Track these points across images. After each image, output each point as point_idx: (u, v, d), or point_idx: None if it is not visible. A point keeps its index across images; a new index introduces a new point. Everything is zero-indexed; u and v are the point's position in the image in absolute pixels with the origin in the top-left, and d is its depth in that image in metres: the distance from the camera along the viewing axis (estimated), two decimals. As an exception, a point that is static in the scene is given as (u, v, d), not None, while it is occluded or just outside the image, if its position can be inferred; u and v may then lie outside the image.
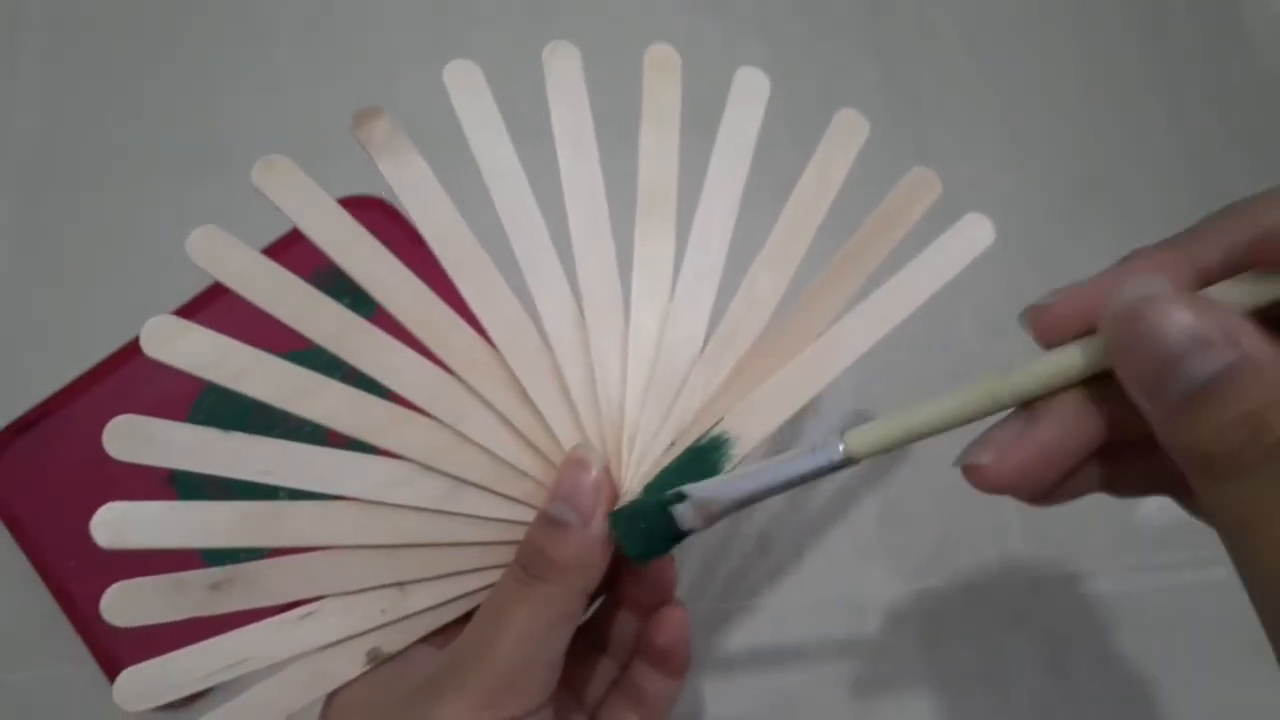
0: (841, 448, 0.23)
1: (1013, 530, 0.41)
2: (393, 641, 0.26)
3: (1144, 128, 0.49)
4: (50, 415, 0.39)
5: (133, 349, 0.34)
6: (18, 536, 0.38)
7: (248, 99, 0.47)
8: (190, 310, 0.39)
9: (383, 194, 0.35)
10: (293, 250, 0.27)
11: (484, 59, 0.28)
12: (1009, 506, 0.42)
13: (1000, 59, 0.50)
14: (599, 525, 0.25)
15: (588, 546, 0.25)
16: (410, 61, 0.27)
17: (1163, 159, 0.49)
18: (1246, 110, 0.50)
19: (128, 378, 0.40)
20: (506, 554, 0.26)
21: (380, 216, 0.26)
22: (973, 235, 0.27)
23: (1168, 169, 0.48)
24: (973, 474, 0.22)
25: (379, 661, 0.26)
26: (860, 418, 0.43)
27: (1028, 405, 0.22)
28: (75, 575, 0.37)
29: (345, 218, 0.27)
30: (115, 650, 0.36)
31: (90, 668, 0.36)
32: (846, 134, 0.29)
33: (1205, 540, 0.20)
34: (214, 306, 0.39)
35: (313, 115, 0.26)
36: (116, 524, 0.24)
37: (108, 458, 0.24)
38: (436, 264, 0.27)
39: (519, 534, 0.25)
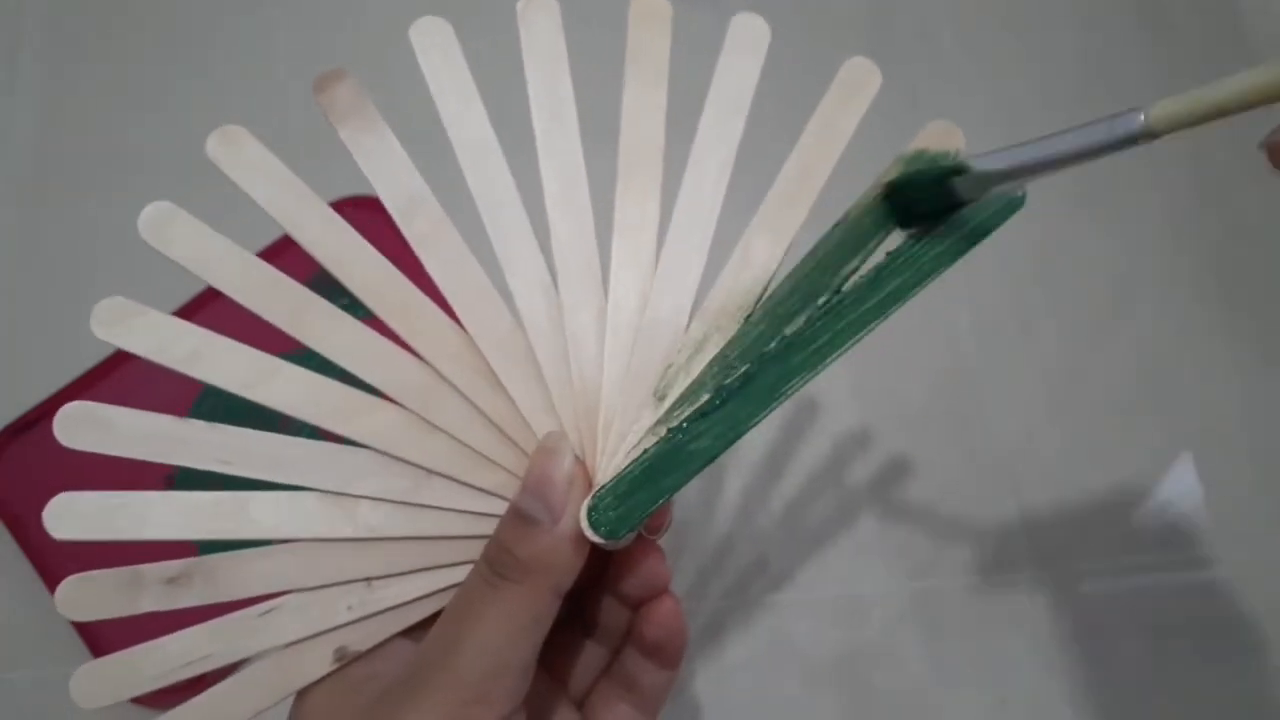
0: (1143, 118, 0.22)
1: (1013, 530, 0.41)
2: (361, 640, 0.24)
3: (1144, 127, 0.49)
4: (50, 415, 0.39)
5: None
6: (18, 536, 0.38)
7: (248, 98, 0.47)
8: (188, 311, 0.39)
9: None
10: (295, 250, 0.26)
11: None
12: (1010, 506, 0.42)
13: (999, 59, 0.50)
14: (570, 521, 0.23)
15: (558, 544, 0.23)
16: (410, 61, 0.27)
17: (1162, 159, 0.49)
18: (1246, 111, 0.50)
19: (128, 378, 0.40)
20: (478, 549, 0.24)
21: (379, 217, 0.26)
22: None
23: (1167, 169, 0.48)
24: (1276, 156, 0.21)
25: (347, 660, 0.24)
26: (858, 428, 0.43)
27: None
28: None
29: (301, 189, 0.25)
30: (115, 649, 0.36)
31: (90, 668, 0.36)
32: (856, 85, 0.26)
33: (1205, 540, 0.20)
34: (210, 308, 0.39)
35: (313, 116, 0.26)
36: (68, 514, 0.23)
37: (107, 458, 0.24)
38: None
39: (490, 528, 0.24)
